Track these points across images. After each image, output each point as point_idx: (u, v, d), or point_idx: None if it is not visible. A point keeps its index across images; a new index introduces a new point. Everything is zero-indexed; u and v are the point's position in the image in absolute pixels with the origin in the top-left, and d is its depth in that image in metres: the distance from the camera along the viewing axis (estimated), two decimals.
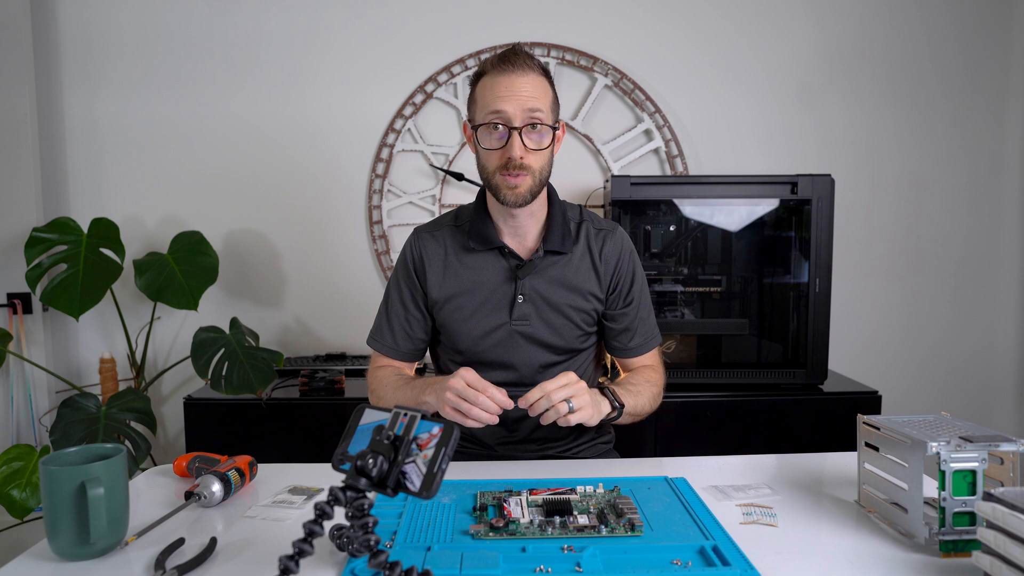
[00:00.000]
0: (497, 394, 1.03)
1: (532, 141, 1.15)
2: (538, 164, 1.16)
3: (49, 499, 0.79)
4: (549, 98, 1.17)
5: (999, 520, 0.67)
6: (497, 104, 1.13)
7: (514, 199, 1.16)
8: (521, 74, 1.13)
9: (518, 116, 1.13)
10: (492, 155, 1.16)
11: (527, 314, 1.23)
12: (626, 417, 1.18)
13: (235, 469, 1.01)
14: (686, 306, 2.05)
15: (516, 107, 1.13)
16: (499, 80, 1.14)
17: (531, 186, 1.16)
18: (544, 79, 1.17)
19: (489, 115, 1.14)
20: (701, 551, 0.79)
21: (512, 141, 1.13)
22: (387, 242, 2.38)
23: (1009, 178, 2.44)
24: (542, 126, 1.15)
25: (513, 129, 1.13)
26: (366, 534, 0.67)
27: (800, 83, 2.38)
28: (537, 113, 1.13)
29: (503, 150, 1.15)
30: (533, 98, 1.13)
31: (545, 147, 1.16)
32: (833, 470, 1.09)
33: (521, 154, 1.13)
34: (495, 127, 1.14)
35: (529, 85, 1.14)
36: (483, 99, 1.16)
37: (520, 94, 1.13)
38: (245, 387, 1.90)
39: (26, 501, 1.81)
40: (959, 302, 2.47)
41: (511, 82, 1.13)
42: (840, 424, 1.93)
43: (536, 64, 1.17)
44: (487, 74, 1.16)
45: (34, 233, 2.02)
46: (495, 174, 1.17)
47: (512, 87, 1.13)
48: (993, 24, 2.39)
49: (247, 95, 2.34)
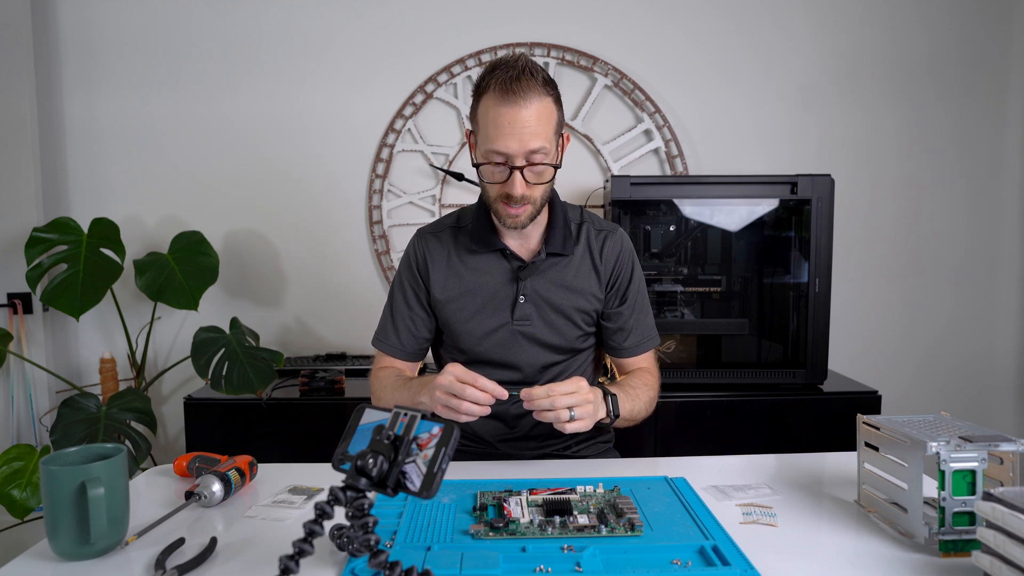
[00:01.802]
0: (488, 384, 1.03)
1: (533, 176, 1.14)
2: (540, 194, 1.16)
3: (49, 499, 0.79)
4: (553, 124, 1.14)
5: (999, 520, 0.67)
6: (499, 144, 1.10)
7: (513, 224, 1.18)
8: (524, 105, 1.09)
9: (519, 156, 1.11)
10: (493, 187, 1.16)
11: (528, 315, 1.24)
12: (620, 422, 1.18)
13: (235, 469, 1.01)
14: (686, 306, 2.05)
15: (518, 147, 1.10)
16: (501, 113, 1.09)
17: (531, 212, 1.17)
18: (548, 100, 1.13)
19: (491, 153, 1.12)
20: (701, 551, 0.79)
21: (513, 179, 1.12)
22: (387, 242, 2.38)
23: (1009, 178, 2.44)
24: (543, 165, 1.13)
25: (515, 168, 1.12)
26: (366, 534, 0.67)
27: (800, 83, 2.38)
28: (538, 154, 1.11)
29: (504, 185, 1.14)
30: (535, 135, 1.10)
31: (546, 182, 1.16)
32: (833, 470, 1.09)
33: (522, 192, 1.13)
34: (497, 164, 1.13)
35: (532, 118, 1.10)
36: (485, 129, 1.13)
37: (522, 133, 1.09)
38: (245, 387, 1.90)
39: (26, 501, 1.81)
40: (959, 302, 2.47)
41: (513, 117, 1.09)
42: (840, 424, 1.93)
43: (539, 85, 1.11)
44: (488, 95, 1.11)
45: (34, 233, 2.02)
46: (496, 201, 1.17)
47: (515, 124, 1.09)
48: (993, 25, 2.39)
49: (247, 95, 2.34)
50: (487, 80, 1.13)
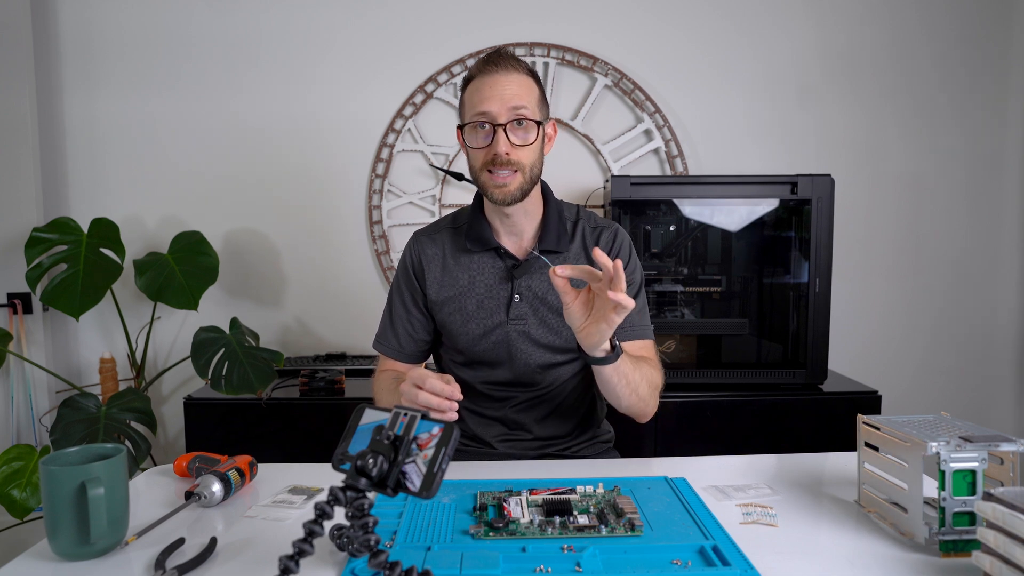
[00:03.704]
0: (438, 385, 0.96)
1: (518, 137, 1.16)
2: (527, 160, 1.16)
3: (49, 499, 0.79)
4: (535, 96, 1.18)
5: (999, 520, 0.67)
6: (482, 105, 1.15)
7: (502, 197, 1.16)
8: (505, 74, 1.15)
9: (503, 114, 1.14)
10: (478, 153, 1.17)
11: (524, 314, 1.24)
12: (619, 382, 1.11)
13: (235, 469, 1.01)
14: (686, 306, 2.05)
15: (500, 106, 1.14)
16: (484, 81, 1.16)
17: (521, 183, 1.17)
18: (530, 78, 1.19)
19: (474, 115, 1.16)
20: (701, 551, 0.79)
21: (497, 138, 1.14)
22: (387, 242, 2.38)
23: (1009, 178, 2.44)
24: (528, 122, 1.15)
25: (498, 126, 1.14)
26: (366, 534, 0.67)
27: (800, 83, 2.38)
28: (522, 110, 1.15)
29: (489, 148, 1.15)
30: (517, 96, 1.15)
31: (531, 142, 1.17)
32: (833, 470, 1.09)
33: (507, 150, 1.14)
34: (481, 126, 1.16)
35: (514, 84, 1.15)
36: (470, 101, 1.18)
37: (504, 93, 1.14)
38: (245, 387, 1.90)
39: (26, 501, 1.81)
40: (959, 302, 2.47)
41: (495, 81, 1.15)
42: (840, 424, 1.93)
43: (522, 65, 1.18)
44: (474, 78, 1.18)
45: (34, 233, 2.02)
46: (482, 172, 1.18)
47: (496, 86, 1.15)
48: (993, 24, 2.39)
49: (247, 95, 2.34)
50: (470, 70, 1.20)
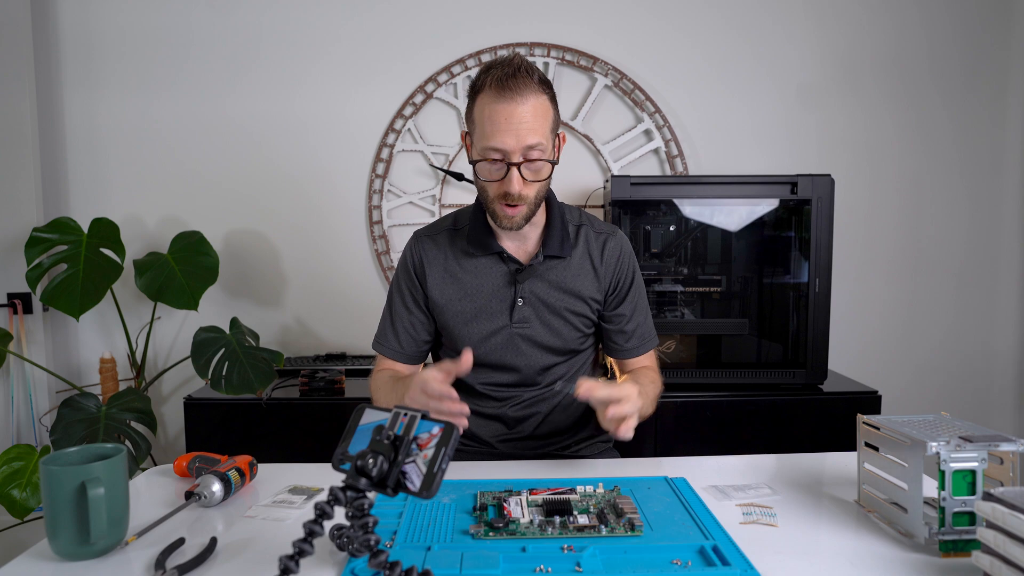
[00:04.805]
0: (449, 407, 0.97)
1: (530, 173, 1.13)
2: (535, 193, 1.16)
3: (49, 499, 0.79)
4: (549, 121, 1.14)
5: (999, 520, 0.67)
6: (495, 140, 1.10)
7: (510, 225, 1.17)
8: (520, 102, 1.09)
9: (516, 152, 1.10)
10: (491, 185, 1.16)
11: (527, 317, 1.24)
12: None
13: (235, 469, 1.01)
14: (686, 306, 2.05)
15: (514, 143, 1.09)
16: (497, 110, 1.09)
17: (527, 213, 1.17)
18: (544, 98, 1.13)
19: (487, 149, 1.12)
20: (701, 551, 0.79)
21: (511, 176, 1.12)
22: (387, 242, 2.38)
23: (1009, 178, 2.44)
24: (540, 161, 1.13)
25: (512, 164, 1.11)
26: (366, 534, 0.67)
27: (800, 83, 2.38)
28: (536, 149, 1.11)
29: (501, 183, 1.14)
30: (532, 131, 1.10)
31: (543, 179, 1.16)
32: (833, 470, 1.09)
33: (519, 189, 1.12)
34: (493, 161, 1.13)
35: (529, 114, 1.10)
36: (481, 126, 1.12)
37: (519, 128, 1.09)
38: (245, 387, 1.90)
39: (26, 501, 1.81)
40: (959, 302, 2.47)
41: (510, 113, 1.09)
42: (840, 424, 1.93)
43: (535, 83, 1.11)
44: (485, 93, 1.12)
45: (34, 233, 2.02)
46: (493, 201, 1.17)
47: (511, 119, 1.09)
48: (993, 25, 2.39)
49: (247, 95, 2.34)
50: (483, 79, 1.13)
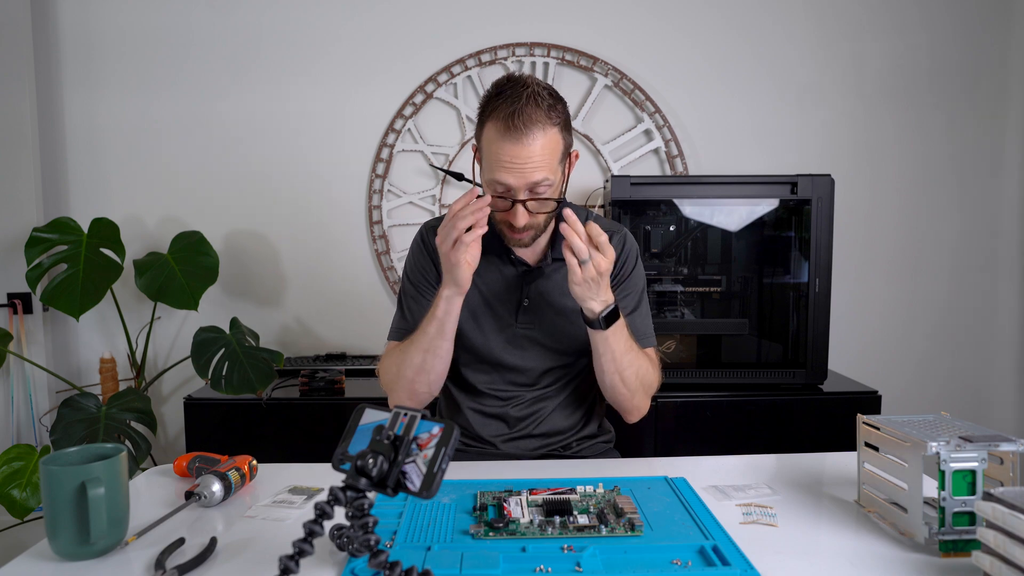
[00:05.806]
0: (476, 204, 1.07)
1: (536, 205, 1.13)
2: (542, 220, 1.17)
3: (49, 499, 0.79)
4: (558, 153, 1.12)
5: (999, 520, 0.67)
6: (500, 173, 1.09)
7: (517, 244, 1.19)
8: (527, 142, 1.06)
9: (522, 190, 1.10)
10: (497, 213, 1.16)
11: (532, 318, 1.25)
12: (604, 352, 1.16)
13: (235, 469, 1.01)
14: (686, 306, 2.05)
15: (520, 180, 1.08)
16: (504, 148, 1.07)
17: (534, 235, 1.18)
18: (554, 131, 1.10)
19: (493, 182, 1.11)
20: (701, 551, 0.79)
21: (515, 211, 1.12)
22: (387, 242, 2.38)
23: (1008, 178, 2.44)
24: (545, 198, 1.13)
25: (517, 201, 1.11)
26: (366, 534, 0.67)
27: (800, 83, 2.38)
28: (542, 185, 1.10)
29: (507, 214, 1.14)
30: (539, 168, 1.08)
31: (548, 211, 1.15)
32: (833, 470, 1.09)
33: (524, 222, 1.13)
34: (499, 194, 1.13)
35: (537, 152, 1.07)
36: (488, 157, 1.12)
37: (524, 168, 1.08)
38: (245, 387, 1.90)
39: (26, 501, 1.81)
40: (959, 302, 2.47)
41: (515, 154, 1.07)
42: (840, 424, 1.93)
43: (544, 115, 1.08)
44: (492, 124, 1.09)
45: (34, 233, 2.02)
46: (500, 224, 1.18)
47: (518, 157, 1.07)
48: (993, 25, 2.39)
49: (247, 95, 2.34)
50: (492, 105, 1.11)
